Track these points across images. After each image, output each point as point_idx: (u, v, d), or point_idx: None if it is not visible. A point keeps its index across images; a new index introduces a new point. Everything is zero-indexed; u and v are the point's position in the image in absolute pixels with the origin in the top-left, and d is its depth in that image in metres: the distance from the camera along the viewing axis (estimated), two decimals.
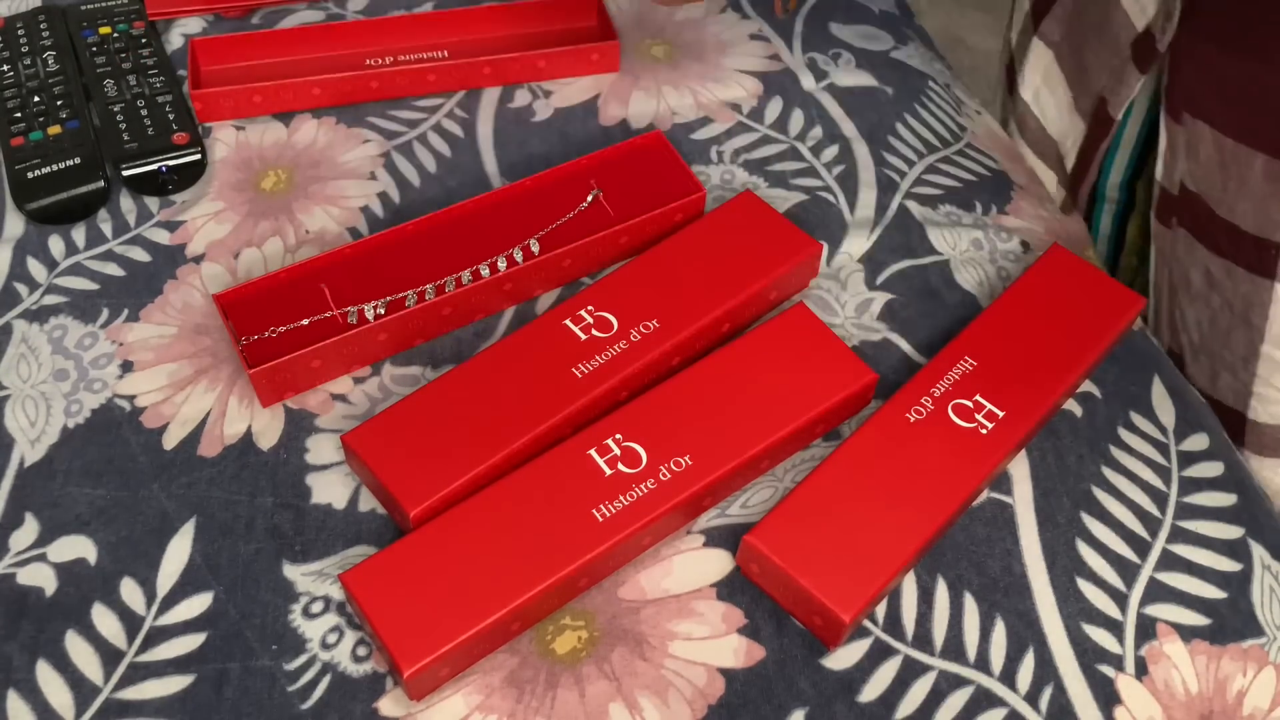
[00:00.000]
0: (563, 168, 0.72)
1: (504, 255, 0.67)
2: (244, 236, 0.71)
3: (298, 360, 0.62)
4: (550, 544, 0.55)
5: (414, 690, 0.53)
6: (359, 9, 0.87)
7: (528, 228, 0.69)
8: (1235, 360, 0.69)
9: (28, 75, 0.79)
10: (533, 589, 0.54)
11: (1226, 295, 0.68)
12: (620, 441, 0.59)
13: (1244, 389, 0.69)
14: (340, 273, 0.66)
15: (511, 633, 0.55)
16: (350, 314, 0.64)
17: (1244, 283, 0.67)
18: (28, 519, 0.59)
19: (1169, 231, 0.72)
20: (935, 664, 0.55)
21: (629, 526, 0.56)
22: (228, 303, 0.64)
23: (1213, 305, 0.69)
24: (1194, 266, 0.70)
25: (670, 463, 0.58)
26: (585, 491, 0.57)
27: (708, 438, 0.59)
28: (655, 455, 0.58)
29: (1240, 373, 0.69)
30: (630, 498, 0.57)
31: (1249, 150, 0.64)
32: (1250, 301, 0.67)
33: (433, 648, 0.52)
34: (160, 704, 0.53)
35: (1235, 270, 0.67)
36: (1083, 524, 0.60)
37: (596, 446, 0.59)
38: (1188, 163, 0.69)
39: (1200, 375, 0.72)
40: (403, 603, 0.53)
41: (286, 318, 0.64)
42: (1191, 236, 0.70)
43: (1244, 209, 0.66)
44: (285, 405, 0.63)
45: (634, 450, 0.59)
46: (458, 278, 0.66)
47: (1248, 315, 0.67)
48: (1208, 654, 0.56)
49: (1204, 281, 0.69)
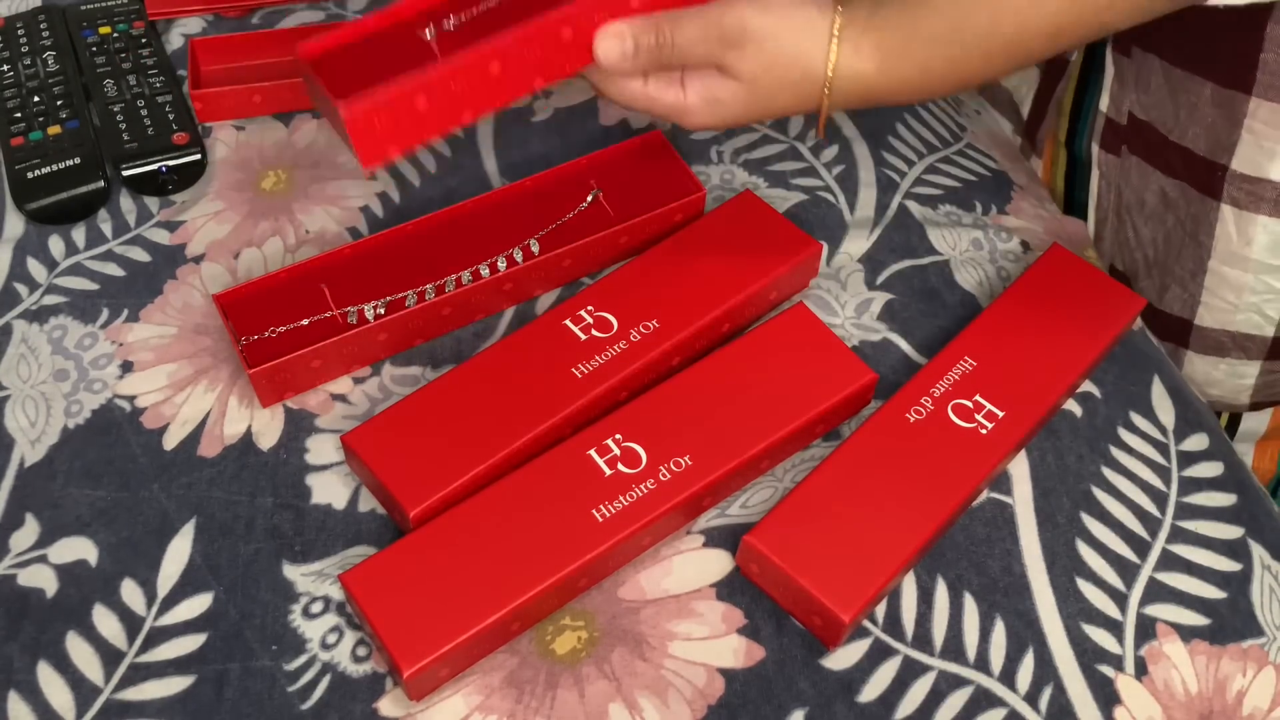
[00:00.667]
0: (563, 168, 0.72)
1: (504, 255, 0.67)
2: (244, 236, 0.71)
3: (298, 360, 0.62)
4: (550, 544, 0.55)
5: (414, 690, 0.53)
6: (358, 9, 0.87)
7: (528, 228, 0.69)
8: (1184, 274, 0.73)
9: (28, 75, 0.79)
10: (532, 589, 0.54)
11: (1179, 214, 0.72)
12: (620, 442, 0.59)
13: (1192, 299, 0.74)
14: (340, 273, 0.66)
15: (511, 633, 0.55)
16: (350, 314, 0.64)
17: (1195, 203, 0.71)
18: (28, 520, 0.59)
19: (1117, 159, 0.76)
20: (935, 664, 0.55)
21: (629, 527, 0.56)
22: (228, 303, 0.64)
23: (1166, 224, 0.73)
24: (1148, 189, 0.74)
25: (670, 463, 0.58)
26: (585, 492, 0.57)
27: (708, 438, 0.59)
28: (655, 455, 0.58)
29: (1189, 285, 0.73)
30: (630, 498, 0.57)
31: (1199, 79, 0.68)
32: (1199, 220, 0.71)
33: (432, 648, 0.52)
34: (161, 705, 0.53)
35: (1188, 190, 0.71)
36: (1083, 524, 0.60)
37: (596, 447, 0.59)
38: (1137, 93, 0.72)
39: (1150, 290, 0.76)
40: (403, 603, 0.53)
41: (286, 318, 0.64)
42: (1144, 162, 0.74)
43: (1195, 133, 0.69)
44: (285, 405, 0.63)
45: (634, 450, 0.59)
46: (458, 278, 0.66)
47: (1197, 233, 0.71)
48: (1207, 654, 0.56)
49: (1159, 202, 0.73)
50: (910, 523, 0.57)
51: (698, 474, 0.58)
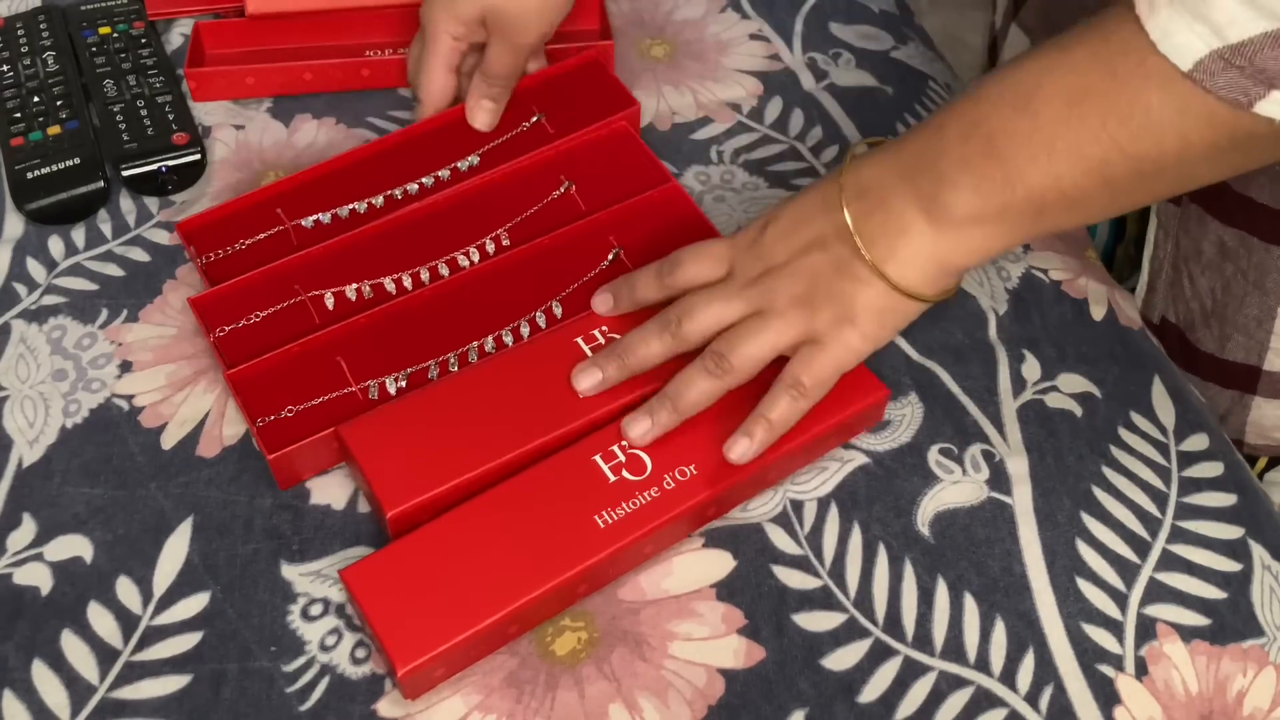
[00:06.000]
0: (576, 227, 0.69)
1: (525, 320, 0.65)
2: None
3: (318, 442, 0.59)
4: (551, 548, 0.55)
5: (409, 689, 0.53)
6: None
7: (545, 289, 0.66)
8: (1248, 322, 0.72)
9: (27, 75, 0.79)
10: (532, 592, 0.54)
11: (1239, 264, 0.71)
12: (625, 448, 0.58)
13: (1259, 346, 0.72)
14: (357, 343, 0.63)
15: (509, 635, 0.55)
16: (370, 389, 0.62)
17: (1258, 251, 0.70)
18: (25, 519, 0.59)
19: (1177, 208, 0.74)
20: (935, 664, 0.55)
21: (630, 534, 0.55)
22: (240, 380, 0.61)
23: (1225, 273, 0.72)
24: (1205, 239, 0.72)
25: (675, 472, 0.58)
26: (588, 497, 0.57)
27: (714, 448, 0.58)
28: (660, 464, 0.58)
29: (1255, 332, 0.72)
30: (633, 505, 0.56)
31: None
32: (1265, 269, 0.70)
33: (428, 647, 0.52)
34: (157, 704, 0.53)
35: (1249, 239, 0.70)
36: (1083, 524, 0.60)
37: (601, 452, 0.58)
38: None
39: (1209, 340, 0.74)
40: (401, 601, 0.53)
41: (302, 395, 0.61)
42: (1203, 210, 0.72)
43: (1260, 183, 0.68)
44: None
45: (639, 457, 0.58)
46: (480, 345, 0.63)
47: (1263, 282, 0.70)
48: (1208, 654, 0.56)
49: (1217, 252, 0.72)
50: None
51: (702, 484, 0.57)
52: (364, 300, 0.65)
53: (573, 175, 0.72)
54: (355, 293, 0.66)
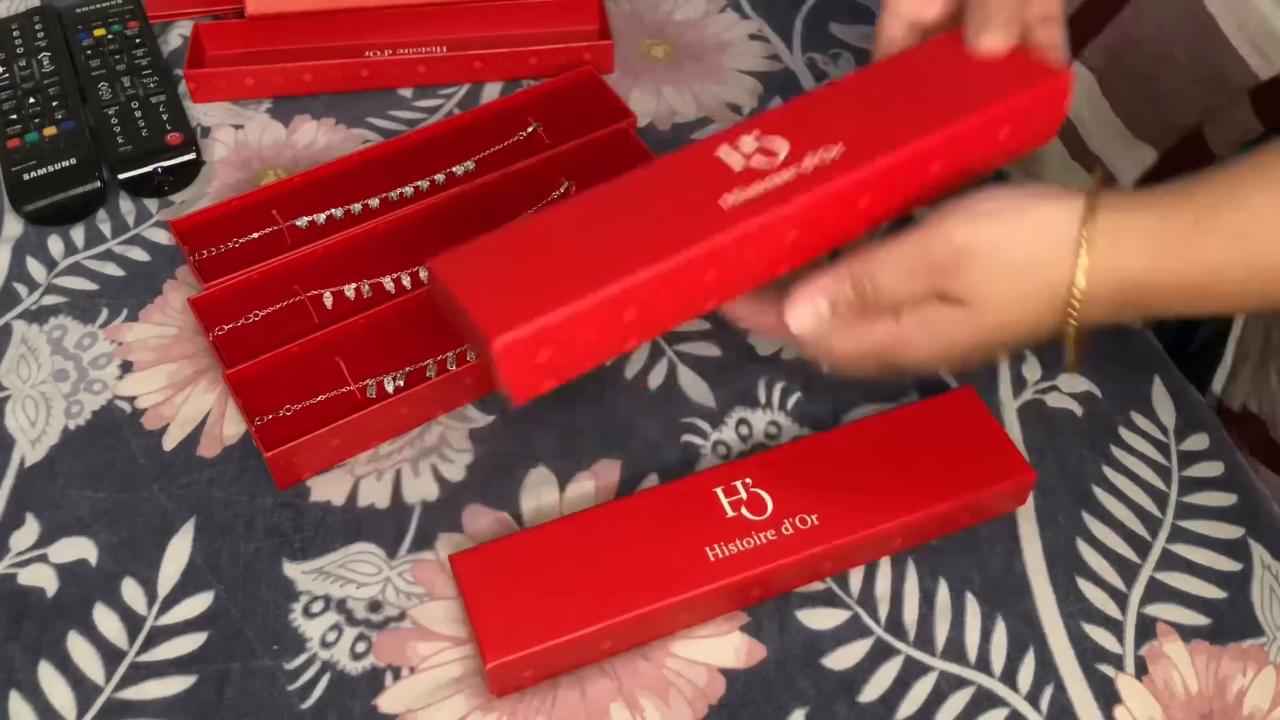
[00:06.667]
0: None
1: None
2: None
3: (316, 440, 0.59)
4: (658, 571, 0.54)
5: (495, 686, 0.52)
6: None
7: None
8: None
9: (23, 76, 0.79)
10: (631, 612, 0.53)
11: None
12: (749, 486, 0.57)
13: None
14: (354, 342, 0.63)
15: (602, 652, 0.54)
16: (369, 388, 0.62)
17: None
18: (29, 519, 0.59)
19: None
20: (936, 664, 0.55)
21: (740, 572, 0.54)
22: (238, 380, 0.62)
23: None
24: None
25: (796, 518, 0.56)
26: (703, 528, 0.55)
27: (840, 501, 0.56)
28: (781, 507, 0.56)
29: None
30: (747, 544, 0.55)
31: None
32: None
33: (520, 646, 0.51)
34: (162, 704, 0.53)
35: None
36: (1083, 523, 0.60)
37: (724, 486, 0.57)
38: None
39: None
40: (503, 596, 0.53)
41: (300, 394, 0.61)
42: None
43: None
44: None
45: (760, 497, 0.57)
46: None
47: None
48: (1208, 654, 0.56)
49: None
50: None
51: (822, 535, 0.55)
52: (363, 300, 0.66)
53: (572, 177, 0.72)
54: (354, 292, 0.66)
